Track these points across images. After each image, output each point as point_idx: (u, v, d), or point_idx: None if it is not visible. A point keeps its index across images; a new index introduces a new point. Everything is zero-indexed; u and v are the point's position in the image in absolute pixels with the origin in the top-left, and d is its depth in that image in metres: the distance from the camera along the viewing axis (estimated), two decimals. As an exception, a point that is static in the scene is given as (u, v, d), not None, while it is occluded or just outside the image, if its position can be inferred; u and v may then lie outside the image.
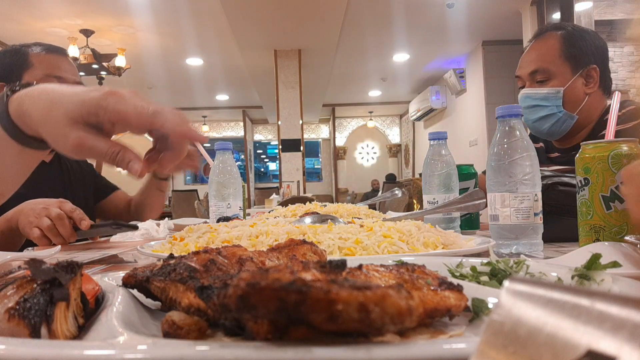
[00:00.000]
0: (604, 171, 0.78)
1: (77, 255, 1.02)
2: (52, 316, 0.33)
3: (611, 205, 0.77)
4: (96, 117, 0.62)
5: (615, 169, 0.77)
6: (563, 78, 1.46)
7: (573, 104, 1.47)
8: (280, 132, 7.14)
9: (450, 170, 1.16)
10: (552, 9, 5.23)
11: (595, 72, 1.47)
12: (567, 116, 1.47)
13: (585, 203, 0.81)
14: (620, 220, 0.76)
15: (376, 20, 6.26)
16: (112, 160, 0.64)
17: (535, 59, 1.51)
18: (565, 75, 1.46)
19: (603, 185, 0.78)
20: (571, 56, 1.46)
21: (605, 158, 0.78)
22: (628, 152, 0.77)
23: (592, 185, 0.79)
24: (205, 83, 9.30)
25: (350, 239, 0.75)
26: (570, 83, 1.45)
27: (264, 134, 14.00)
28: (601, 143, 0.80)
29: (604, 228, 0.78)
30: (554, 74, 1.47)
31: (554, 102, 1.45)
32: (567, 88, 1.45)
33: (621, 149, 0.77)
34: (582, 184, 0.82)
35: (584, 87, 1.47)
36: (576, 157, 0.85)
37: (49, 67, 1.51)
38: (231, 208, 1.40)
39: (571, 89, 1.46)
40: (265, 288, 0.26)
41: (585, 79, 1.47)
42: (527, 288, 0.21)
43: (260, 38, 6.63)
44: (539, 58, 1.50)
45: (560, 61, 1.47)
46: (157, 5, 5.58)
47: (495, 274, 0.49)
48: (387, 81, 9.63)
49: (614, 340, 0.17)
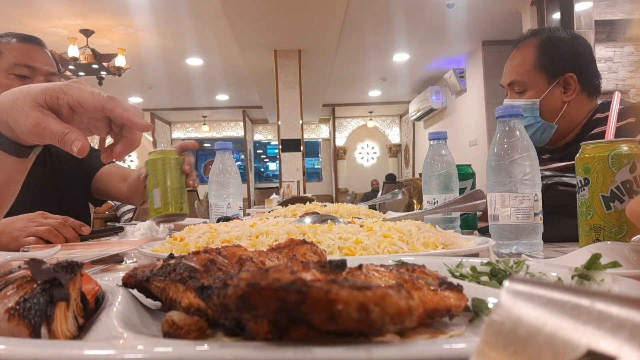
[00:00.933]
0: (604, 171, 0.78)
1: (77, 255, 1.02)
2: (52, 316, 0.33)
3: (611, 205, 0.77)
4: (57, 100, 0.70)
5: (615, 169, 0.76)
6: (539, 89, 1.47)
7: (551, 113, 1.47)
8: (280, 132, 7.14)
9: (450, 170, 1.16)
10: (552, 9, 5.23)
11: (573, 79, 1.46)
12: (546, 126, 1.47)
13: (585, 203, 0.81)
14: (620, 220, 0.76)
15: (376, 20, 6.26)
16: (60, 141, 0.70)
17: (511, 71, 1.52)
18: (540, 86, 1.47)
19: (603, 185, 0.78)
20: (544, 66, 1.46)
21: (605, 158, 0.77)
22: (628, 152, 0.76)
23: (592, 185, 0.79)
24: (205, 83, 9.29)
25: (350, 239, 0.75)
26: (547, 94, 1.46)
27: (264, 134, 14.00)
28: (601, 143, 0.80)
29: (604, 228, 0.78)
30: (529, 86, 1.48)
31: (531, 112, 1.46)
32: (543, 99, 1.46)
33: (621, 149, 0.77)
34: (582, 184, 0.82)
35: (562, 95, 1.46)
36: (576, 157, 0.85)
37: (19, 55, 1.47)
38: (231, 208, 1.40)
39: (548, 99, 1.46)
40: (265, 288, 0.26)
41: (563, 87, 1.46)
42: (527, 288, 0.21)
43: (260, 38, 6.63)
44: (515, 70, 1.51)
45: (535, 72, 1.47)
46: (157, 5, 5.58)
47: (495, 274, 0.49)
48: (387, 81, 9.63)
49: (614, 340, 0.17)
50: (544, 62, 1.47)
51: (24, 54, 1.47)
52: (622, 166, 0.76)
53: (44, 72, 1.50)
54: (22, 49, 1.48)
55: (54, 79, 1.53)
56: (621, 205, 0.76)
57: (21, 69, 1.46)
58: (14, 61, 1.46)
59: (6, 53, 1.46)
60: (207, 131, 13.11)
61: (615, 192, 0.77)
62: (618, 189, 0.76)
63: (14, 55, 1.46)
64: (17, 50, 1.47)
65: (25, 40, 1.50)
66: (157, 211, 1.14)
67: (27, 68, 1.47)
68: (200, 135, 13.21)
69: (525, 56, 1.50)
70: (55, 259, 0.45)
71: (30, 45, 1.50)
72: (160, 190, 1.14)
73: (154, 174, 1.15)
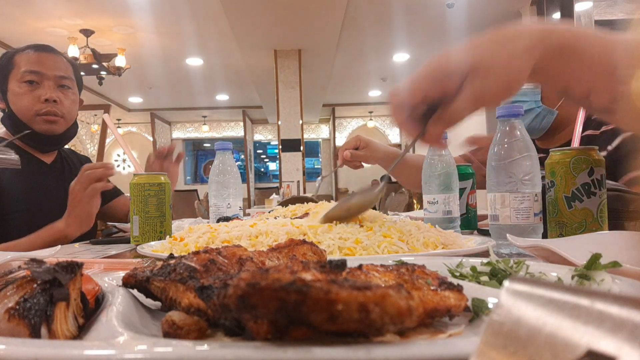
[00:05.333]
0: (566, 175, 0.88)
1: (77, 255, 1.02)
2: (52, 316, 0.33)
3: (572, 204, 0.88)
4: None
5: (575, 173, 0.87)
6: None
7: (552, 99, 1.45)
8: (280, 132, 7.13)
9: (450, 170, 1.16)
10: (552, 9, 5.23)
11: None
12: (547, 111, 1.45)
13: (552, 202, 0.91)
14: (580, 217, 0.87)
15: (376, 20, 6.26)
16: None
17: None
18: None
19: (565, 187, 0.88)
20: None
21: (568, 163, 0.88)
22: (587, 158, 0.87)
23: (557, 187, 0.89)
24: (205, 83, 9.29)
25: (350, 238, 0.75)
26: None
27: (264, 134, 13.99)
28: (566, 150, 0.90)
29: (566, 224, 0.88)
30: None
31: (532, 97, 1.44)
32: None
33: (581, 156, 0.87)
34: (549, 186, 0.91)
35: None
36: (545, 161, 0.92)
37: (28, 63, 1.52)
38: (231, 208, 1.40)
39: None
40: (265, 288, 0.26)
41: None
42: (527, 288, 0.21)
43: (260, 38, 6.63)
44: None
45: None
46: (157, 5, 5.58)
47: (495, 274, 0.49)
48: (387, 81, 9.62)
49: (614, 340, 0.17)
50: None
51: (32, 61, 1.52)
52: (582, 170, 0.87)
53: (52, 76, 1.54)
54: (32, 57, 1.54)
55: (66, 82, 1.58)
56: (581, 205, 0.87)
57: (29, 75, 1.51)
58: (23, 69, 1.51)
59: (18, 63, 1.53)
60: (207, 131, 13.11)
61: (575, 193, 0.88)
62: (578, 190, 0.87)
63: (24, 64, 1.52)
64: (26, 59, 1.53)
65: (37, 49, 1.56)
66: (135, 239, 1.12)
67: (35, 74, 1.51)
68: (200, 135, 13.20)
69: None
70: (55, 259, 0.45)
71: (40, 53, 1.55)
72: (139, 219, 1.11)
73: (134, 200, 1.12)
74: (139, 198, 1.12)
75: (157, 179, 1.14)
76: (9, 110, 1.54)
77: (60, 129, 1.57)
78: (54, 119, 1.53)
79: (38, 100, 1.50)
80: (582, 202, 0.87)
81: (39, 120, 1.52)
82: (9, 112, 1.54)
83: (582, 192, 0.87)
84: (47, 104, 1.51)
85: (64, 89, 1.57)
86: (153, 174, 1.15)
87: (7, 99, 1.53)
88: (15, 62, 1.53)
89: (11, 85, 1.52)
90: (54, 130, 1.55)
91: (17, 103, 1.51)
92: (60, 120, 1.56)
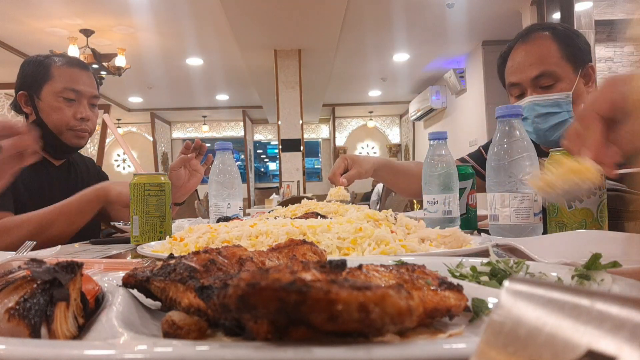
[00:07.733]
0: None
1: (77, 255, 1.02)
2: (52, 316, 0.33)
3: (572, 204, 0.90)
4: None
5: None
6: (569, 80, 1.36)
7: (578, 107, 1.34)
8: (280, 132, 7.13)
9: (450, 170, 1.16)
10: (552, 9, 5.23)
11: (592, 70, 1.40)
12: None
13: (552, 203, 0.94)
14: (580, 217, 0.89)
15: (376, 20, 6.25)
16: None
17: (536, 63, 1.37)
18: (570, 77, 1.36)
19: None
20: (571, 56, 1.37)
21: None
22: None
23: None
24: (205, 83, 9.29)
25: (349, 238, 0.75)
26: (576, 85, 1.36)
27: (264, 134, 13.99)
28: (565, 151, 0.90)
29: (566, 224, 0.90)
30: (560, 77, 1.36)
31: (565, 107, 1.33)
32: (574, 90, 1.35)
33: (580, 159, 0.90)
34: None
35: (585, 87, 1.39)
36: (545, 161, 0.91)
37: (68, 80, 1.59)
38: (231, 208, 1.40)
39: (577, 91, 1.36)
40: (265, 288, 0.26)
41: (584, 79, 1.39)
42: (527, 288, 0.20)
43: (260, 38, 6.63)
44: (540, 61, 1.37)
45: (563, 62, 1.37)
46: (157, 5, 5.58)
47: (495, 274, 0.49)
48: (387, 81, 9.62)
49: (614, 340, 0.17)
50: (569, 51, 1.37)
51: (72, 79, 1.60)
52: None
53: (88, 95, 1.63)
54: (70, 73, 1.60)
55: (95, 101, 1.68)
56: (581, 205, 0.88)
57: (69, 92, 1.58)
58: (64, 86, 1.58)
59: (57, 77, 1.58)
60: (207, 131, 13.10)
61: None
62: None
63: (64, 80, 1.58)
64: (66, 75, 1.59)
65: (72, 65, 1.62)
66: (135, 239, 1.12)
67: (74, 92, 1.59)
68: (200, 135, 13.19)
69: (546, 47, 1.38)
70: (56, 259, 0.45)
71: (76, 70, 1.62)
72: (139, 219, 1.12)
73: (135, 200, 1.13)
74: (139, 198, 1.12)
75: (157, 179, 1.14)
76: (37, 118, 1.58)
77: (85, 143, 1.68)
78: (83, 135, 1.63)
79: (73, 117, 1.59)
80: (582, 202, 0.88)
81: (70, 135, 1.60)
82: (38, 120, 1.58)
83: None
84: (81, 121, 1.60)
85: (93, 107, 1.67)
86: (153, 174, 1.15)
87: (38, 106, 1.58)
88: (52, 74, 1.58)
89: (46, 96, 1.57)
90: (81, 145, 1.65)
91: (52, 115, 1.58)
92: (87, 135, 1.66)
